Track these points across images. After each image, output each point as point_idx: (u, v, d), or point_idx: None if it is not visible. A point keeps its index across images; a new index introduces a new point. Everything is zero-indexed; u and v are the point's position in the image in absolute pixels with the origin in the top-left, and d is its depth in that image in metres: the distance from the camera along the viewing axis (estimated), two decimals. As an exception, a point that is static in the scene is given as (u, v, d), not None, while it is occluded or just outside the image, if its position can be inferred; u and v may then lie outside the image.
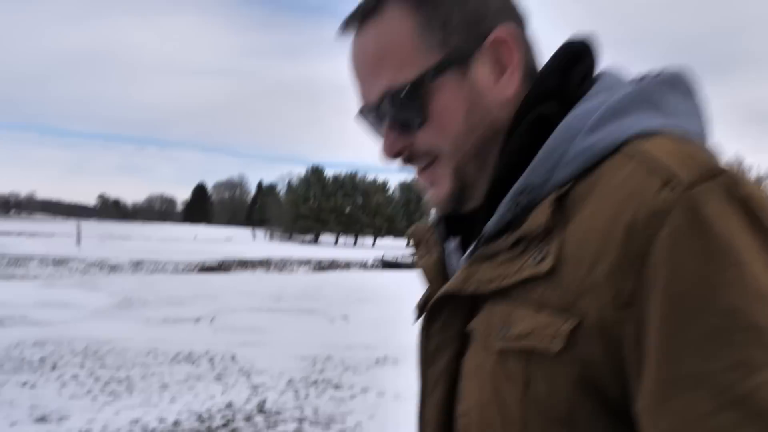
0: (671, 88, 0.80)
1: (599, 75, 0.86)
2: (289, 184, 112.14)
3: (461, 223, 0.91)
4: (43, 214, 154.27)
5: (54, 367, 8.38)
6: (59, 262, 37.17)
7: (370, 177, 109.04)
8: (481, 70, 0.83)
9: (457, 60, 0.82)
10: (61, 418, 6.11)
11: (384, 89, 0.84)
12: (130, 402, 6.85)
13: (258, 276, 33.60)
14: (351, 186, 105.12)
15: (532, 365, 0.73)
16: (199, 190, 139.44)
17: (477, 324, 0.81)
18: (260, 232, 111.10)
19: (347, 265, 49.00)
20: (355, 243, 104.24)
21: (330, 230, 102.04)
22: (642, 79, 0.84)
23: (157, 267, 38.04)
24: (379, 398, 7.37)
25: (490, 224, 0.81)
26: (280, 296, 20.00)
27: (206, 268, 38.92)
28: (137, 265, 37.70)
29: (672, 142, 0.74)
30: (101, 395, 7.11)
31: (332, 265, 47.40)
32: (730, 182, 0.68)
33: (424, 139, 0.85)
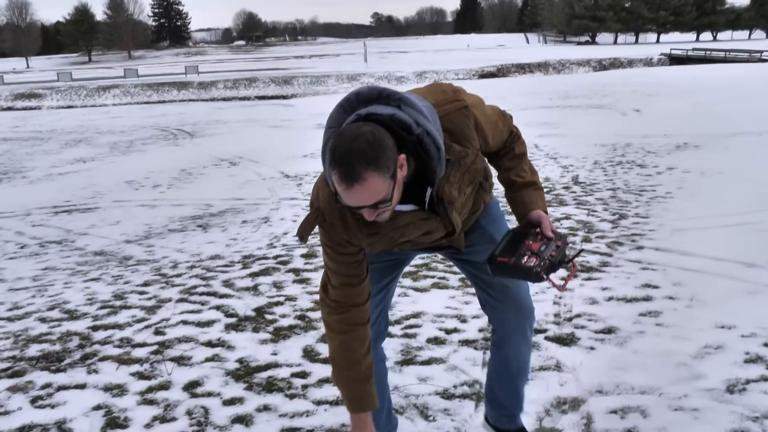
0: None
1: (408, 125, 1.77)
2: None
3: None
4: (325, 37, 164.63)
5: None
6: (352, 77, 40.58)
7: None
8: (400, 173, 1.72)
9: (395, 179, 1.71)
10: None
11: (375, 202, 1.70)
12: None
13: (538, 78, 33.78)
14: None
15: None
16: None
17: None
18: (533, 37, 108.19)
19: (630, 63, 46.74)
20: (636, 41, 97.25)
21: (608, 29, 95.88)
22: (395, 100, 1.79)
23: (439, 76, 39.84)
24: (685, 174, 7.83)
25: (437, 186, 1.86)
26: (566, 94, 20.33)
27: (486, 74, 39.96)
28: (420, 75, 39.84)
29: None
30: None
31: (613, 64, 45.59)
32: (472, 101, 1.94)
33: (384, 208, 1.74)
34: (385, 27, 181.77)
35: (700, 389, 2.88)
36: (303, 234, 1.91)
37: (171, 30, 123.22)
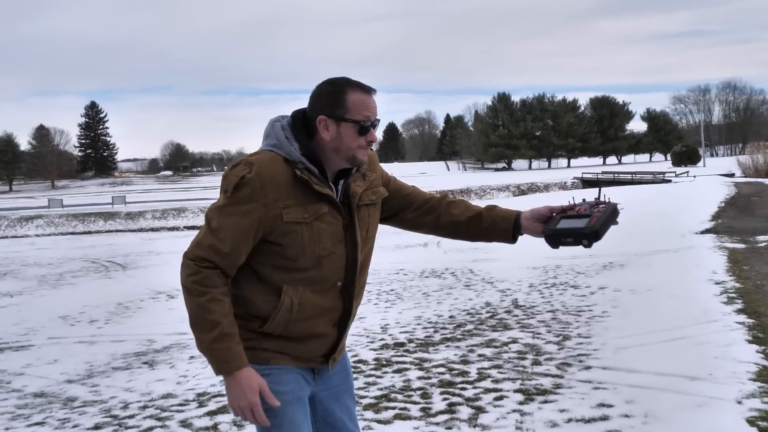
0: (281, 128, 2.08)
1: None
2: (477, 114, 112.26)
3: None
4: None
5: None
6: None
7: (558, 97, 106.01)
8: None
9: None
10: (360, 318, 7.66)
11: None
12: (404, 306, 8.29)
13: (463, 204, 35.05)
14: (540, 109, 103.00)
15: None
16: (390, 130, 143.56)
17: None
18: (453, 164, 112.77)
19: (546, 187, 49.16)
20: (549, 166, 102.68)
21: (522, 156, 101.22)
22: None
23: (366, 204, 40.72)
24: (617, 293, 8.21)
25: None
26: (492, 219, 21.10)
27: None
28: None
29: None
30: (380, 302, 8.64)
31: (531, 189, 47.94)
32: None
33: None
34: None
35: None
36: (229, 187, 1.98)
37: (97, 160, 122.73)
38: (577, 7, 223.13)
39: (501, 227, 2.28)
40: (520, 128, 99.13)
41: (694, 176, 43.35)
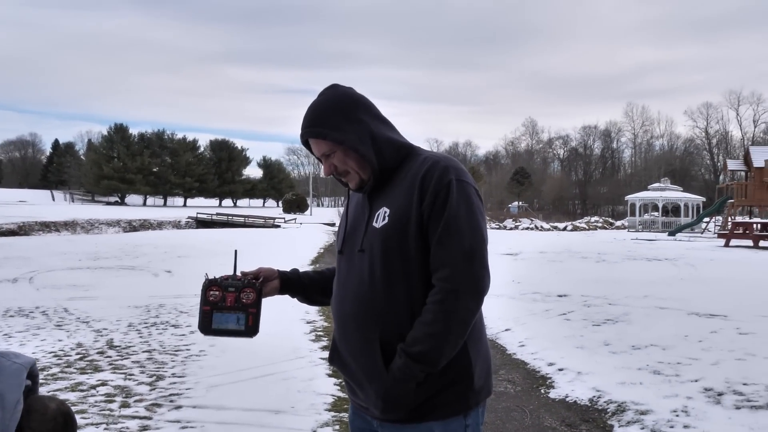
0: None
1: None
2: (90, 143, 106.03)
3: None
4: None
5: None
6: None
7: (179, 135, 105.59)
8: None
9: None
10: None
11: None
12: (-22, 348, 7.28)
13: (66, 237, 32.44)
14: (158, 145, 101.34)
15: None
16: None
17: None
18: (59, 194, 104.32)
19: (160, 225, 48.18)
20: (164, 203, 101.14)
21: (137, 191, 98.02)
22: None
23: (-54, 232, 35.26)
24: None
25: None
26: (97, 255, 19.91)
27: (5, 232, 36.70)
28: None
29: None
30: (-53, 345, 7.45)
31: (144, 225, 46.50)
32: None
33: None
34: None
35: None
36: None
37: None
38: (204, 49, 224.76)
39: None
40: (137, 162, 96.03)
41: (301, 223, 46.82)
